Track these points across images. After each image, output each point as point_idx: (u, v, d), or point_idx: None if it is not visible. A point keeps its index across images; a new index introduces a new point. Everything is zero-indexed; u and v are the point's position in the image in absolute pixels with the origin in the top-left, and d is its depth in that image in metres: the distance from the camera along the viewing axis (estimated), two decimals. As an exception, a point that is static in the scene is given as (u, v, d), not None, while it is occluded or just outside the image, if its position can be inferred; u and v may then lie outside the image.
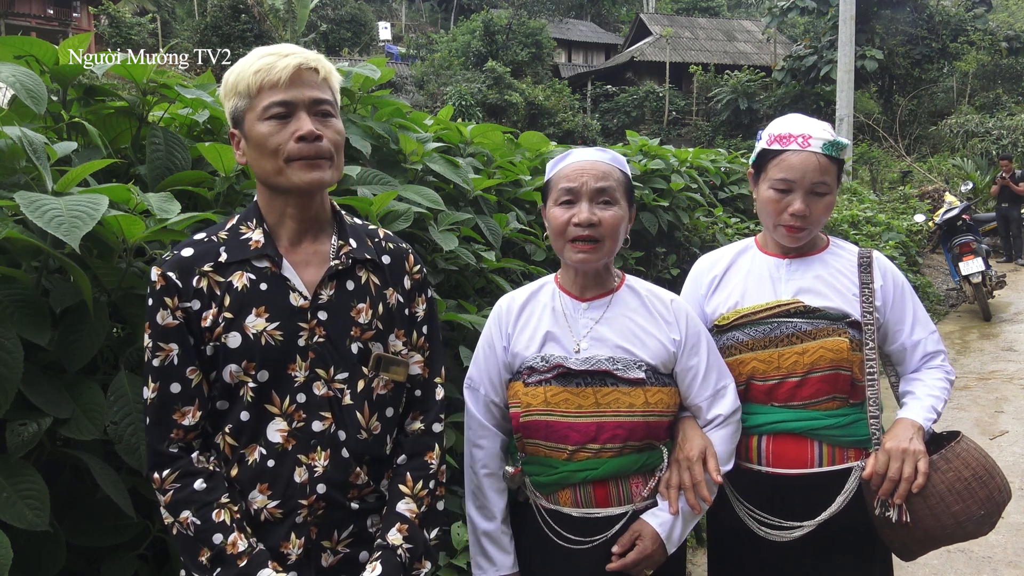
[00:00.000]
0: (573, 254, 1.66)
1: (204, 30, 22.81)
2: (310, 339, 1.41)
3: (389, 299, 1.51)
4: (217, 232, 1.45)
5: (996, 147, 15.99)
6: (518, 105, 22.03)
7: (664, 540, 1.64)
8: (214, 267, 1.40)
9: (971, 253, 8.47)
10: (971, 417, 5.42)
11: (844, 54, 12.88)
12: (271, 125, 1.37)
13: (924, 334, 1.90)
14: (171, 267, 1.38)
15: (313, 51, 1.45)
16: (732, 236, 5.14)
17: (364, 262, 1.50)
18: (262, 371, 1.39)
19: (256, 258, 1.42)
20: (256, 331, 1.38)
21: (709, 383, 1.74)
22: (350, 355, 1.44)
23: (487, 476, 1.75)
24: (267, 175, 1.40)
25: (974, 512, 1.70)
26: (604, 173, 1.67)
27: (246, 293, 1.39)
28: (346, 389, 1.44)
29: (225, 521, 1.34)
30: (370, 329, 1.46)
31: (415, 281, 1.57)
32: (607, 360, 1.67)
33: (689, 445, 1.70)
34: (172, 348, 1.37)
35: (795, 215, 1.79)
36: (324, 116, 1.41)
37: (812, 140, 1.78)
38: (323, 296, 1.43)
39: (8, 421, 1.41)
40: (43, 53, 1.88)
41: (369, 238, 1.54)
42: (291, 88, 1.37)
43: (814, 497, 1.80)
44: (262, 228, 1.44)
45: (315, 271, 1.45)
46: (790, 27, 27.16)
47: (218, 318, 1.38)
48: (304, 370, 1.41)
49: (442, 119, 3.36)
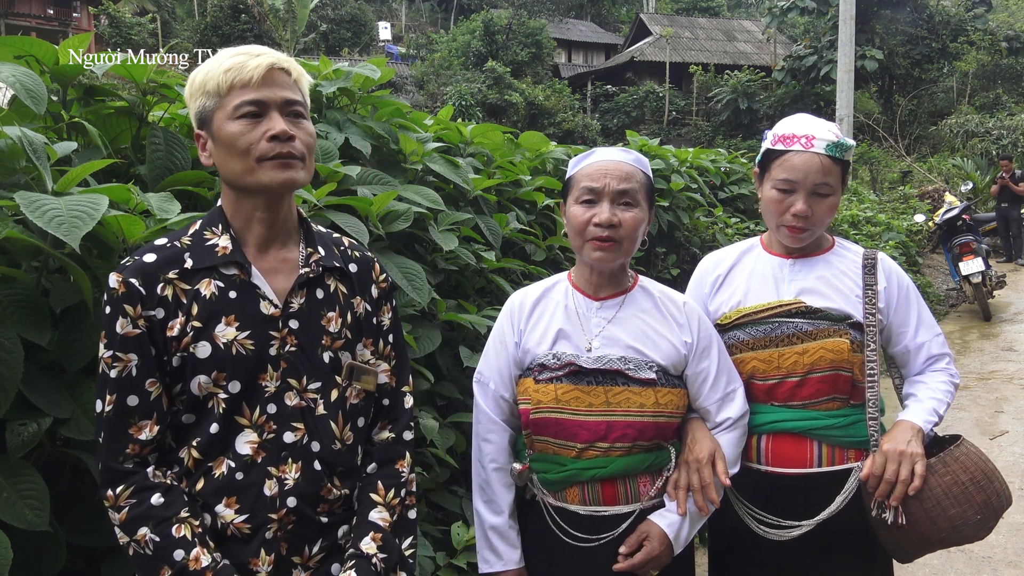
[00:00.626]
0: (592, 252, 1.67)
1: (204, 30, 22.82)
2: (281, 348, 1.37)
3: (357, 308, 1.48)
4: (179, 237, 1.39)
5: (996, 147, 15.99)
6: (518, 105, 22.03)
7: (672, 540, 1.64)
8: (179, 274, 1.34)
9: (971, 253, 8.47)
10: (971, 417, 5.42)
11: (844, 54, 12.87)
12: (242, 124, 1.34)
13: (928, 336, 1.89)
14: (133, 273, 1.32)
15: (283, 53, 1.43)
16: (732, 236, 5.14)
17: (332, 270, 1.47)
18: (233, 382, 1.34)
19: (224, 265, 1.37)
20: (226, 340, 1.33)
21: (719, 386, 1.75)
22: (322, 364, 1.41)
23: (496, 471, 1.75)
24: (236, 176, 1.36)
25: (970, 517, 1.69)
26: (627, 174, 1.67)
27: (215, 301, 1.34)
28: (319, 399, 1.40)
29: (186, 536, 1.28)
30: (340, 338, 1.44)
31: (381, 290, 1.55)
32: (619, 360, 1.67)
33: (699, 447, 1.70)
34: (131, 359, 1.30)
35: (797, 215, 1.79)
36: (296, 117, 1.38)
37: (816, 141, 1.78)
38: (294, 304, 1.40)
39: (8, 421, 1.41)
40: (43, 53, 1.88)
41: (335, 246, 1.51)
42: (263, 88, 1.34)
43: (814, 497, 1.80)
44: (228, 234, 1.39)
45: (284, 279, 1.41)
46: (790, 27, 27.16)
47: (186, 327, 1.32)
48: (275, 380, 1.37)
49: (442, 119, 3.36)
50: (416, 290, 2.21)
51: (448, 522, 2.38)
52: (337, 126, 2.60)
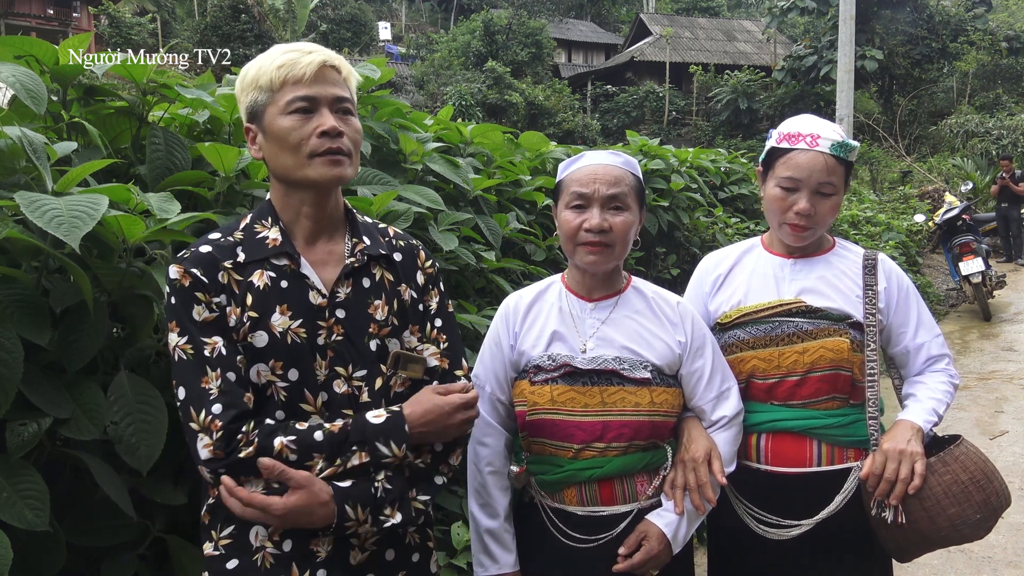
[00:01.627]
0: (584, 255, 1.68)
1: (204, 30, 22.81)
2: (328, 337, 1.41)
3: (403, 295, 1.51)
4: (232, 232, 1.44)
5: (996, 147, 15.99)
6: (518, 105, 22.03)
7: (670, 540, 1.65)
8: (233, 266, 1.39)
9: (971, 253, 8.47)
10: (971, 417, 5.42)
11: (844, 54, 12.87)
12: (294, 119, 1.37)
13: (928, 337, 1.90)
14: (193, 263, 1.37)
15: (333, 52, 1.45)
16: (732, 236, 5.14)
17: (378, 259, 1.50)
18: (292, 370, 1.38)
19: (275, 256, 1.41)
20: (282, 329, 1.37)
21: (714, 385, 1.75)
22: (368, 352, 1.44)
23: (491, 474, 1.75)
24: (287, 170, 1.40)
25: (970, 516, 1.69)
26: (616, 179, 1.68)
27: (268, 291, 1.38)
28: (364, 386, 1.44)
29: (309, 424, 1.34)
30: (387, 325, 1.47)
31: (428, 275, 1.57)
32: (614, 360, 1.68)
33: (694, 446, 1.71)
34: (217, 341, 1.34)
35: (800, 214, 1.80)
36: (344, 114, 1.42)
37: (820, 140, 1.78)
38: (340, 294, 1.43)
39: (8, 421, 1.41)
40: (43, 53, 1.88)
41: (381, 235, 1.55)
42: (315, 84, 1.37)
43: (813, 496, 1.80)
44: (278, 226, 1.43)
45: (332, 270, 1.45)
46: (790, 27, 27.15)
47: (242, 317, 1.36)
48: (324, 369, 1.40)
49: (442, 119, 3.36)
50: (416, 290, 2.21)
51: (448, 522, 2.39)
52: (337, 126, 2.59)
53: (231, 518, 1.36)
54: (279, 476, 1.30)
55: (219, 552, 1.37)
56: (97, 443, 1.53)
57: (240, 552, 1.37)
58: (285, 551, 1.37)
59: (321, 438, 1.34)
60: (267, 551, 1.37)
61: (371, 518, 1.36)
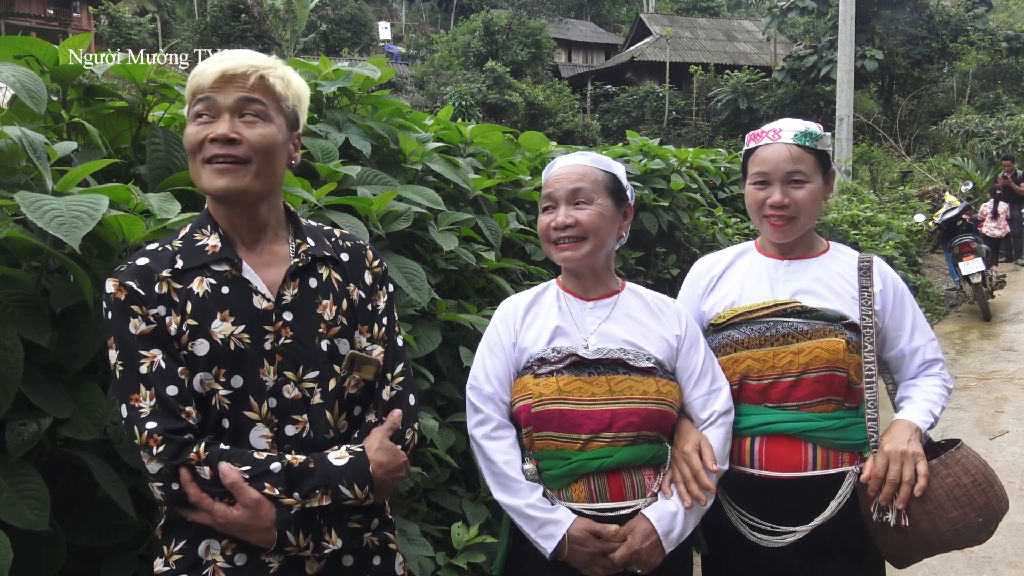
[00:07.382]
0: (558, 253, 1.73)
1: (204, 30, 22.83)
2: (276, 341, 1.38)
3: (352, 295, 1.49)
4: (170, 241, 1.41)
5: (996, 147, 16.00)
6: (518, 105, 22.04)
7: (660, 536, 1.62)
8: (172, 274, 1.36)
9: (971, 253, 8.47)
10: (971, 417, 5.42)
11: (844, 54, 12.87)
12: (194, 126, 1.36)
13: (923, 341, 1.89)
14: (129, 276, 1.34)
15: (272, 58, 1.43)
16: (732, 236, 5.14)
17: (324, 259, 1.48)
18: (235, 376, 1.35)
19: (215, 262, 1.38)
20: (223, 336, 1.34)
21: (704, 383, 1.77)
22: (320, 353, 1.42)
23: (507, 463, 1.70)
24: (194, 179, 1.39)
25: (972, 520, 1.69)
26: (580, 175, 1.73)
27: (208, 298, 1.35)
28: (316, 388, 1.41)
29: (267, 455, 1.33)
30: (335, 325, 1.45)
31: (375, 275, 1.55)
32: (618, 350, 1.69)
33: (683, 440, 1.73)
34: (155, 354, 1.31)
35: (774, 205, 1.82)
36: (253, 117, 1.37)
37: (783, 132, 1.84)
38: (287, 296, 1.41)
39: (8, 421, 1.41)
40: (43, 53, 1.88)
41: (326, 237, 1.53)
42: (215, 89, 1.35)
43: (807, 501, 1.78)
44: (217, 233, 1.41)
45: (276, 271, 1.42)
46: (790, 27, 27.16)
47: (182, 326, 1.34)
48: (272, 374, 1.38)
49: (442, 119, 3.36)
50: (416, 290, 2.22)
51: (448, 522, 2.38)
52: (337, 126, 2.60)
53: (184, 533, 1.36)
54: (232, 487, 1.29)
55: (169, 568, 1.36)
56: (97, 443, 1.53)
57: (190, 567, 1.35)
58: (238, 565, 1.35)
59: (278, 469, 1.32)
60: (218, 565, 1.35)
61: (312, 544, 1.36)
